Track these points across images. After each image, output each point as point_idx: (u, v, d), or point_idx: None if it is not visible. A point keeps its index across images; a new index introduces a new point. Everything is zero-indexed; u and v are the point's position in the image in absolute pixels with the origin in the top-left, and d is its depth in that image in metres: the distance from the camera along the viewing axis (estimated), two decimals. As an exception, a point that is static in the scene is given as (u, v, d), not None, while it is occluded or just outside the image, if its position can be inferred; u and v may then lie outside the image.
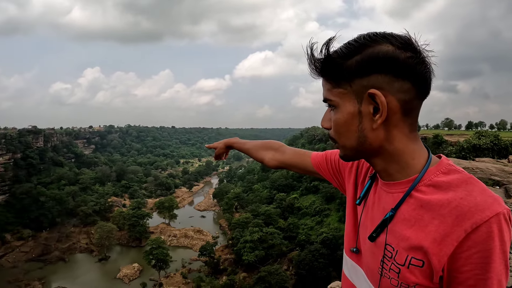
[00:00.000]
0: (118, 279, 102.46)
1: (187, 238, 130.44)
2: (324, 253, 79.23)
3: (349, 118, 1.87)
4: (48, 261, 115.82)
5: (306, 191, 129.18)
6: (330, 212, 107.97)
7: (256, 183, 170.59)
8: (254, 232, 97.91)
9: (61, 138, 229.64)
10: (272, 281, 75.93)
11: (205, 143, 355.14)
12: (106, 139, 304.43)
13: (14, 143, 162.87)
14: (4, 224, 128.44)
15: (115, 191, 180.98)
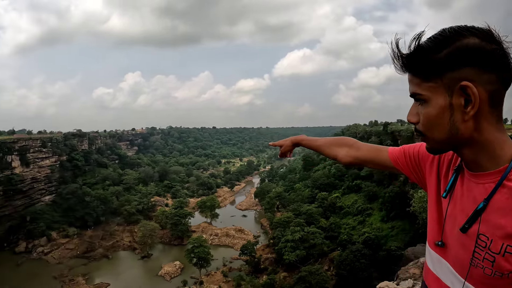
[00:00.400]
0: (160, 276, 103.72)
1: (228, 237, 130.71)
2: (366, 253, 77.29)
3: (440, 111, 1.89)
4: (92, 258, 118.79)
5: (348, 190, 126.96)
6: (372, 211, 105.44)
7: (297, 182, 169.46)
8: (296, 232, 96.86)
9: (105, 140, 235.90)
10: (313, 281, 74.83)
11: (246, 143, 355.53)
12: (149, 141, 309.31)
13: (60, 146, 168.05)
14: (51, 222, 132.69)
15: (157, 191, 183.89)
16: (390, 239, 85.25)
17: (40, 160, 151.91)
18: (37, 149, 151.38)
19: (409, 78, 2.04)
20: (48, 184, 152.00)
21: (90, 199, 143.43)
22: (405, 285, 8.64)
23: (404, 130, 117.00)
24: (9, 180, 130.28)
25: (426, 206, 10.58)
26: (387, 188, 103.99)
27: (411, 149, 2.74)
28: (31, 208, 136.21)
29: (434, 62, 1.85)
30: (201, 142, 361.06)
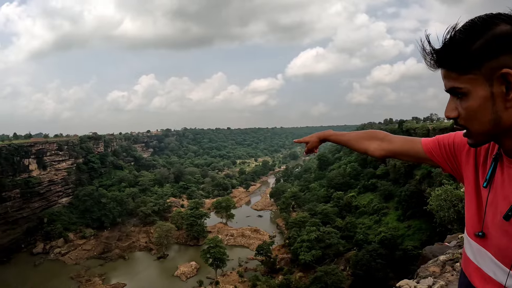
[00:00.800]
0: (176, 276, 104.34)
1: (244, 238, 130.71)
2: (382, 253, 76.67)
3: (482, 102, 1.89)
4: (108, 258, 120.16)
5: (363, 189, 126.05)
6: (388, 210, 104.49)
7: (313, 182, 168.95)
8: (311, 232, 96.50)
9: (121, 143, 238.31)
10: (328, 281, 74.42)
11: (260, 143, 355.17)
12: (164, 142, 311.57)
13: (76, 149, 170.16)
14: (68, 224, 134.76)
15: (173, 192, 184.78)
16: (407, 238, 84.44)
17: (56, 163, 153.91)
18: (54, 152, 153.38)
19: (444, 74, 2.00)
20: (65, 187, 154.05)
21: (106, 200, 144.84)
22: (425, 283, 8.50)
23: (420, 128, 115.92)
24: (26, 183, 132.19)
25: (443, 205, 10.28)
26: (403, 187, 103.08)
27: (445, 139, 2.71)
28: (49, 210, 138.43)
29: (470, 54, 1.83)
30: (216, 143, 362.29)
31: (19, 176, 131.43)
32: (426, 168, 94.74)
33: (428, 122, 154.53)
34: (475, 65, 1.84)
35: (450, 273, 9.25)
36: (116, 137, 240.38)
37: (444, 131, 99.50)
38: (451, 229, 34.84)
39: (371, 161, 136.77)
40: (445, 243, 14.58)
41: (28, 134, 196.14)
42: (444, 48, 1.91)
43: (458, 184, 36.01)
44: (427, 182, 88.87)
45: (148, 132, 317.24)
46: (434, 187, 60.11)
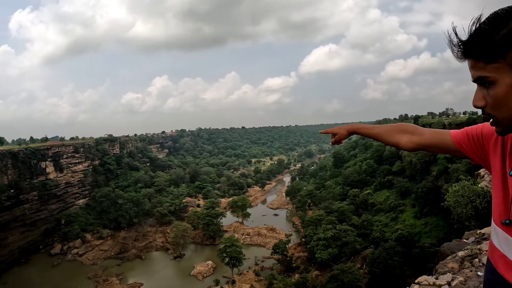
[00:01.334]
0: (192, 276, 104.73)
1: (260, 236, 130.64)
2: (399, 251, 75.83)
3: (508, 90, 1.96)
4: (125, 258, 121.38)
5: (380, 186, 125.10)
6: (405, 207, 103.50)
7: (328, 179, 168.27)
8: (328, 230, 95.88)
9: (136, 144, 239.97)
10: (345, 280, 73.91)
11: (275, 142, 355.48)
12: (179, 143, 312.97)
13: (92, 151, 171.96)
14: (85, 225, 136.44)
15: (189, 192, 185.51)
16: (424, 235, 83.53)
17: (73, 165, 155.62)
18: (70, 154, 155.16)
19: (470, 64, 2.08)
20: (81, 188, 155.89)
21: (122, 201, 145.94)
22: (444, 279, 8.30)
23: (435, 123, 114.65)
24: (44, 185, 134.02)
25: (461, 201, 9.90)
26: (419, 184, 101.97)
27: (473, 130, 2.79)
28: (66, 211, 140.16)
29: (496, 43, 1.90)
30: (231, 142, 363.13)
31: (37, 179, 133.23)
32: (443, 164, 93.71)
33: (444, 117, 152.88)
34: (500, 54, 1.92)
35: (469, 269, 9.01)
36: (131, 138, 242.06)
37: (460, 126, 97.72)
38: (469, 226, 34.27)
39: (387, 158, 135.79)
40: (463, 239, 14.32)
41: (45, 138, 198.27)
42: (471, 39, 1.99)
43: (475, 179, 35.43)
44: (443, 178, 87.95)
45: (163, 133, 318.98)
46: (451, 183, 59.30)
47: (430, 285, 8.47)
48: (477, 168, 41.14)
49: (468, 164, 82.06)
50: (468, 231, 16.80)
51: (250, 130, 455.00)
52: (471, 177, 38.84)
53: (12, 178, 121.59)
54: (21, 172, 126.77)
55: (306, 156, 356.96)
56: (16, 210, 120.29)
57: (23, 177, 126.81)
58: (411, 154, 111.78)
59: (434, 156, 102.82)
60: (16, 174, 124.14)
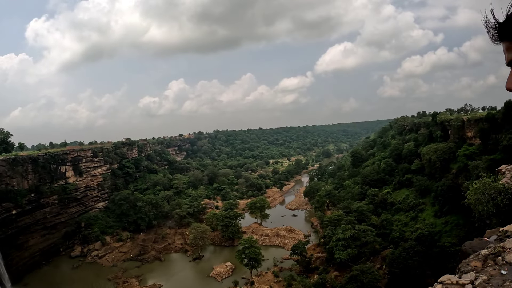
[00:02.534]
0: (211, 277, 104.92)
1: (279, 237, 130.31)
2: (419, 250, 74.77)
3: None
4: (145, 260, 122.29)
5: (399, 185, 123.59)
6: (424, 206, 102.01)
7: (347, 179, 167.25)
8: (347, 230, 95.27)
9: (154, 147, 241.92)
10: (364, 280, 73.17)
11: (293, 142, 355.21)
12: (196, 145, 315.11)
13: (111, 155, 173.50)
14: (105, 227, 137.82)
15: (207, 194, 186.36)
16: (444, 235, 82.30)
17: (92, 169, 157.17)
18: (89, 159, 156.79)
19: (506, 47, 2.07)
20: (101, 192, 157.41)
21: (142, 204, 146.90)
22: (467, 278, 7.94)
23: (454, 120, 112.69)
24: (64, 189, 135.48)
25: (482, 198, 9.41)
26: (439, 182, 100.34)
27: None
28: (86, 214, 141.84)
29: None
30: (248, 143, 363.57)
31: (56, 183, 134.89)
32: (462, 161, 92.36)
33: (463, 113, 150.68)
34: None
35: (492, 267, 8.62)
36: (149, 142, 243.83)
37: (479, 122, 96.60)
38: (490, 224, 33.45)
39: (406, 156, 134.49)
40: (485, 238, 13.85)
41: (64, 143, 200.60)
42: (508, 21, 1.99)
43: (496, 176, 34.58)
44: (463, 175, 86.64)
45: (181, 136, 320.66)
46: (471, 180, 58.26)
47: (453, 284, 8.15)
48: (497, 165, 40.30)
49: (488, 160, 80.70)
50: (490, 229, 16.28)
51: (267, 131, 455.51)
52: (492, 174, 38.05)
53: (33, 182, 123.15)
54: (41, 176, 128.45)
55: (324, 156, 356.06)
56: (37, 214, 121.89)
57: (43, 181, 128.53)
58: (430, 152, 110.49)
59: (453, 153, 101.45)
60: (37, 178, 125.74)
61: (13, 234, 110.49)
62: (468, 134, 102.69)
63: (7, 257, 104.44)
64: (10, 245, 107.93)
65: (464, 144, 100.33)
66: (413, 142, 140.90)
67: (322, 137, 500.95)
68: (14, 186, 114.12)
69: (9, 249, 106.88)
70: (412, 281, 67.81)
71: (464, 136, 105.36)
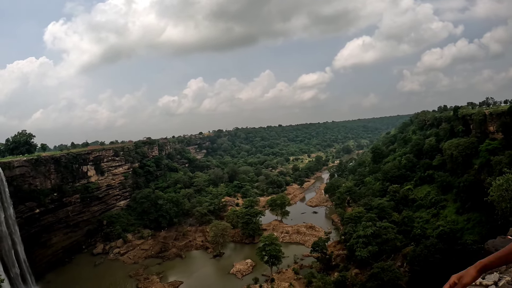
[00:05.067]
0: (232, 274, 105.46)
1: (299, 234, 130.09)
2: (441, 248, 73.59)
3: None
4: (166, 257, 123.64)
5: (420, 181, 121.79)
6: (446, 203, 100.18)
7: (367, 175, 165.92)
8: (367, 227, 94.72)
9: (174, 146, 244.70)
10: (385, 278, 72.50)
11: (313, 139, 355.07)
12: (216, 143, 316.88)
13: (132, 154, 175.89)
14: (126, 225, 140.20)
15: (228, 191, 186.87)
16: (466, 232, 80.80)
17: (113, 168, 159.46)
18: (110, 158, 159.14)
19: None
20: (122, 190, 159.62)
21: (162, 202, 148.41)
22: (491, 279, 7.69)
23: (476, 114, 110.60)
24: (86, 188, 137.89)
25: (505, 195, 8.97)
26: (461, 178, 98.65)
27: None
28: (108, 212, 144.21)
29: None
30: (268, 141, 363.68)
31: (79, 182, 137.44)
32: (485, 156, 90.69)
33: (485, 107, 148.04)
34: None
35: (517, 268, 8.35)
36: (169, 140, 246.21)
37: (501, 115, 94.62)
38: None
39: (427, 152, 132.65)
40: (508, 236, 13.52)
41: (85, 143, 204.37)
42: None
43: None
44: (486, 171, 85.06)
45: (200, 134, 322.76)
46: (494, 176, 56.99)
47: (476, 285, 7.91)
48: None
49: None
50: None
51: (287, 128, 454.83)
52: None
53: (55, 182, 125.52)
54: (64, 176, 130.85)
55: (344, 152, 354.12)
56: (59, 213, 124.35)
57: (65, 181, 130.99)
58: (451, 147, 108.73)
59: (476, 148, 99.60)
60: (59, 178, 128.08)
61: (36, 232, 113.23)
62: (490, 128, 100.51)
63: (31, 255, 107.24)
64: (33, 243, 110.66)
65: (486, 139, 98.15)
66: (434, 137, 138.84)
67: (342, 133, 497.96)
68: (37, 186, 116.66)
69: (33, 247, 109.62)
70: (434, 279, 66.85)
71: (486, 130, 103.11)
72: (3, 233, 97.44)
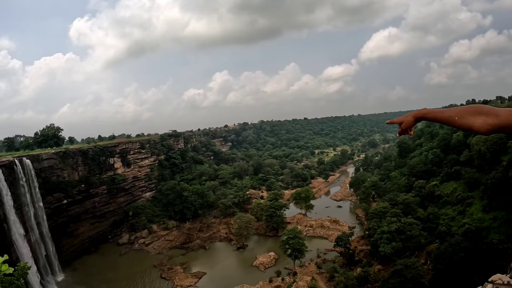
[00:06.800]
0: (254, 266, 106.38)
1: (323, 228, 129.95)
2: (466, 246, 72.46)
3: None
4: (190, 248, 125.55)
5: (447, 177, 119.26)
6: (473, 200, 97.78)
7: (393, 170, 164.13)
8: (392, 223, 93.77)
9: (200, 138, 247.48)
10: (408, 275, 71.89)
11: (338, 132, 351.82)
12: (242, 136, 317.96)
13: (158, 147, 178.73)
14: (152, 216, 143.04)
15: (252, 184, 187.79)
16: (492, 231, 78.94)
17: (140, 161, 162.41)
18: (137, 150, 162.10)
19: None
20: (148, 182, 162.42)
21: (188, 194, 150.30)
22: None
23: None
24: (112, 180, 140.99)
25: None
26: (488, 174, 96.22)
27: None
28: (133, 204, 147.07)
29: None
30: (293, 134, 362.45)
31: (105, 174, 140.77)
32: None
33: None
34: None
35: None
36: (195, 133, 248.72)
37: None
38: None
39: (454, 147, 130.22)
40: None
41: (112, 136, 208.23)
42: None
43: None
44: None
45: (226, 127, 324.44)
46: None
47: (504, 285, 8.09)
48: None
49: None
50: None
51: (312, 121, 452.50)
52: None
53: (83, 174, 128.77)
54: (91, 168, 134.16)
55: (370, 146, 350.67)
56: (86, 203, 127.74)
57: (92, 172, 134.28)
58: (479, 142, 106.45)
59: (504, 144, 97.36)
60: (86, 170, 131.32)
61: (63, 222, 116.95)
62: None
63: (58, 244, 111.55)
64: (60, 232, 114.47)
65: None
66: (462, 132, 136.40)
67: (368, 126, 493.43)
68: (65, 177, 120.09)
69: (60, 237, 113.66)
70: (457, 278, 66.17)
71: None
72: (32, 223, 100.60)
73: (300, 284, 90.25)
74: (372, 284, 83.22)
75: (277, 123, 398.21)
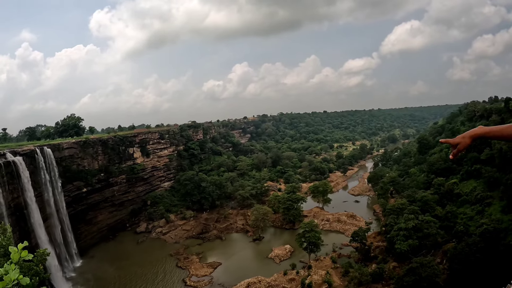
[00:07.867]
0: (270, 258, 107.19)
1: (340, 223, 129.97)
2: (483, 247, 71.53)
3: None
4: (206, 238, 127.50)
5: (466, 176, 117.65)
6: (492, 200, 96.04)
7: (412, 166, 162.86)
8: (409, 220, 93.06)
9: (219, 129, 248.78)
10: (423, 274, 71.48)
11: (358, 126, 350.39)
12: (261, 128, 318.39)
13: (177, 137, 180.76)
14: (169, 206, 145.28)
15: (270, 176, 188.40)
16: (510, 233, 77.36)
17: (159, 151, 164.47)
18: (156, 141, 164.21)
19: None
20: (166, 172, 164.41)
21: (206, 184, 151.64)
22: None
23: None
24: (131, 169, 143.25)
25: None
26: (509, 174, 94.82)
27: None
28: (152, 193, 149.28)
29: None
30: (313, 127, 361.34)
31: (125, 164, 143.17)
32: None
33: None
34: None
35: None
36: (214, 124, 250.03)
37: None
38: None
39: (475, 145, 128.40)
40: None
41: (132, 126, 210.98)
42: None
43: None
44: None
45: (245, 119, 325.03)
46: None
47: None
48: None
49: None
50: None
51: (332, 115, 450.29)
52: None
53: (103, 163, 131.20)
54: (111, 157, 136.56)
55: (390, 141, 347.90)
56: (105, 192, 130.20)
57: (112, 162, 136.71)
58: (500, 141, 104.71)
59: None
60: (106, 159, 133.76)
61: (83, 210, 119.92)
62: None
63: (76, 231, 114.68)
64: (80, 220, 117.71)
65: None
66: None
67: (388, 121, 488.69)
68: (85, 166, 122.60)
69: (79, 224, 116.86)
70: (473, 279, 65.55)
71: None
72: (52, 210, 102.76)
73: (315, 277, 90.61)
74: (386, 281, 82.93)
75: (297, 116, 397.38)
